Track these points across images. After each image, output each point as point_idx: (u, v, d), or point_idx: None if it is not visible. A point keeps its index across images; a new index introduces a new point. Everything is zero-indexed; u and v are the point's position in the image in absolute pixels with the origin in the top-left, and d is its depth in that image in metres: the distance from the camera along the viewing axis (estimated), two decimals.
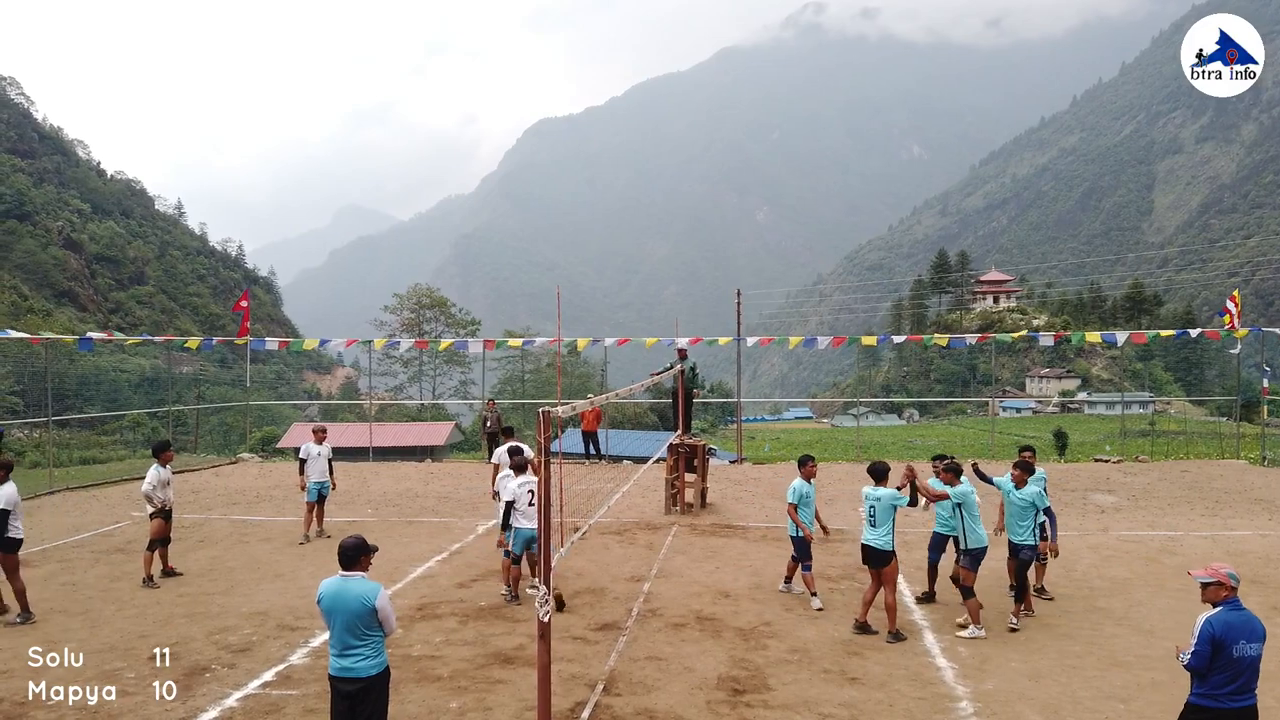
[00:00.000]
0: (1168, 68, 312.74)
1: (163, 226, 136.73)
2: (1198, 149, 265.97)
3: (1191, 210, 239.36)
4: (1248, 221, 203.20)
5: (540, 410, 6.47)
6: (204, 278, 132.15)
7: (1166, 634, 9.05)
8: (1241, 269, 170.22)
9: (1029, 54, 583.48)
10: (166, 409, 27.62)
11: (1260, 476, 20.20)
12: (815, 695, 7.45)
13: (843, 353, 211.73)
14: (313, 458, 13.66)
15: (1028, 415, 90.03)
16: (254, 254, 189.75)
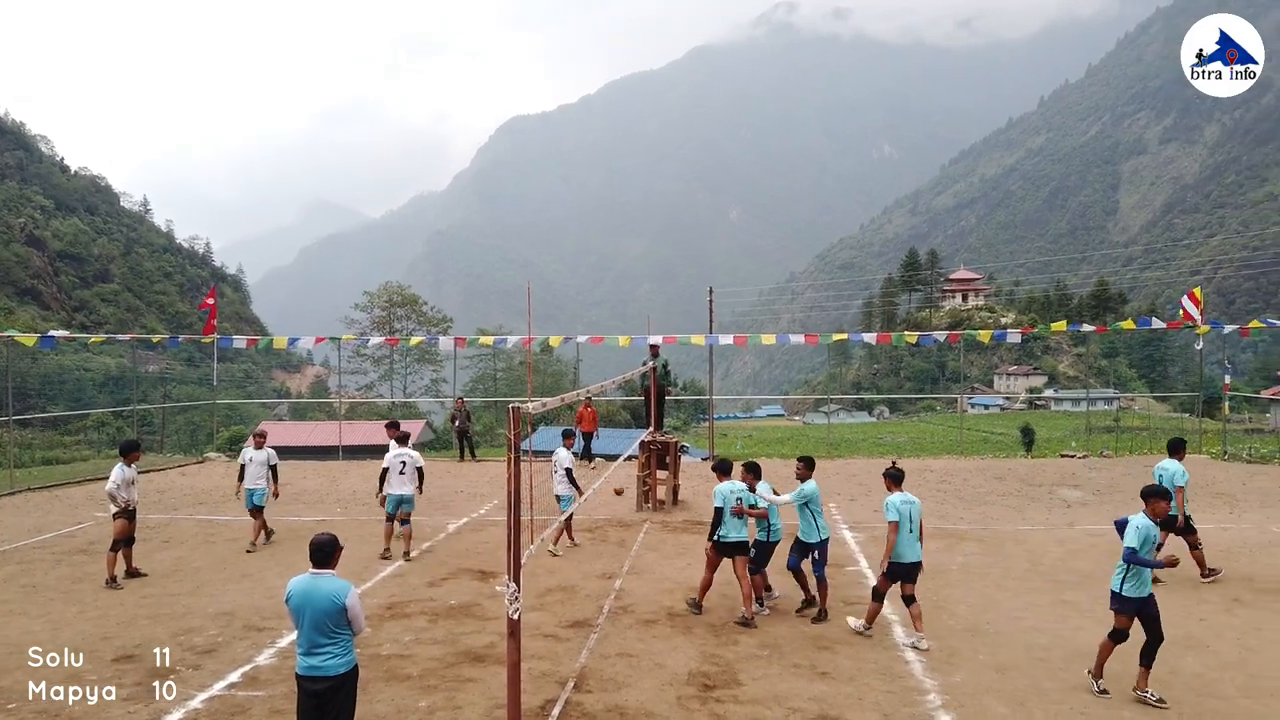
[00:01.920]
0: (1133, 69, 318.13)
1: (128, 223, 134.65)
2: (1161, 149, 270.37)
3: (1155, 210, 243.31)
4: (1210, 221, 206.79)
5: (510, 407, 6.44)
6: (170, 275, 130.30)
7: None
8: (1204, 267, 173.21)
9: (998, 55, 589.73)
10: (132, 408, 27.21)
11: (1222, 471, 20.56)
12: (785, 690, 7.49)
13: (814, 350, 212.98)
14: (249, 463, 13.06)
15: (995, 412, 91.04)
16: (222, 251, 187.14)
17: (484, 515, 15.82)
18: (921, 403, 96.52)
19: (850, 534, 13.96)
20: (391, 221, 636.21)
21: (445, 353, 58.80)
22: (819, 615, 9.48)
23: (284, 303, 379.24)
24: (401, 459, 12.32)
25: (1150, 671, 7.34)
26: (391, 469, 12.26)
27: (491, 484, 19.16)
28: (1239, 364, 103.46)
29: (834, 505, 16.45)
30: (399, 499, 12.30)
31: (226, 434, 42.53)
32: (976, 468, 21.44)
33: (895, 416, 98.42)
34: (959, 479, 19.41)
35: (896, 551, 8.55)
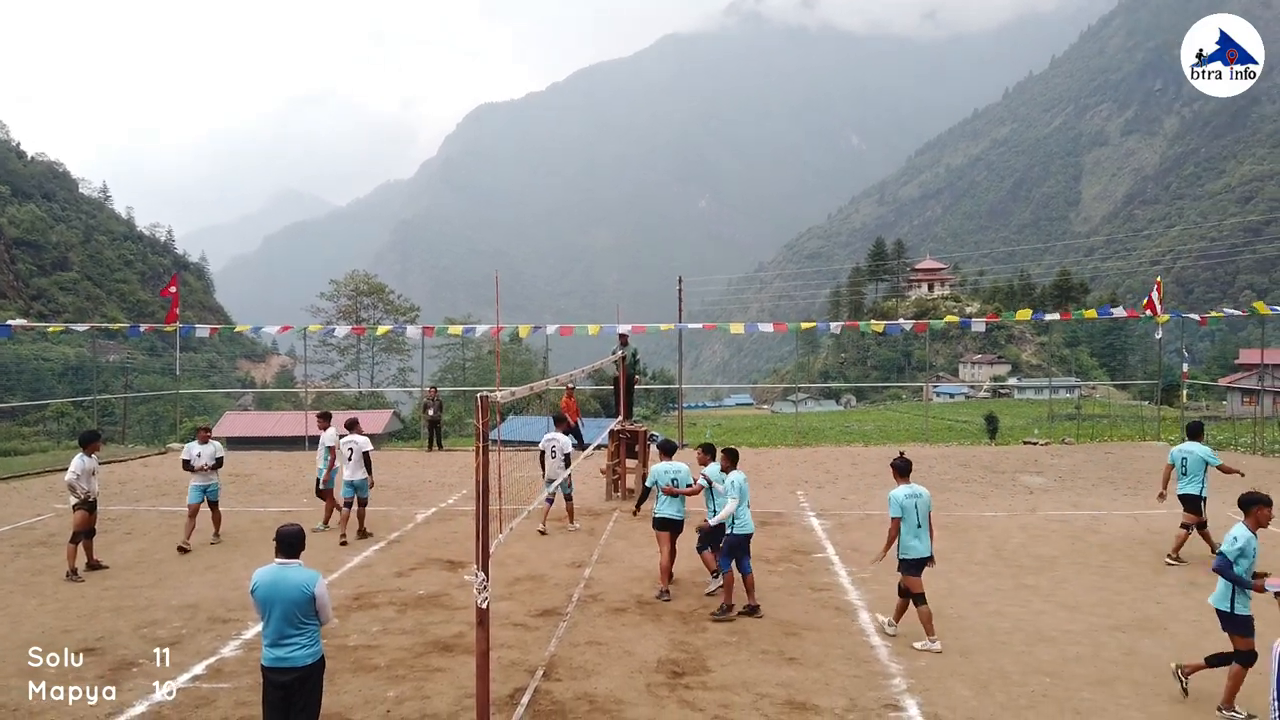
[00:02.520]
0: (1095, 61, 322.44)
1: (87, 210, 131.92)
2: (1123, 141, 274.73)
3: (1116, 201, 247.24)
4: (1169, 212, 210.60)
5: (478, 396, 6.41)
6: (131, 263, 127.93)
7: (1090, 609, 9.38)
8: (1164, 257, 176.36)
9: (964, 46, 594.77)
10: (92, 398, 26.73)
11: None
12: (753, 676, 7.55)
13: (782, 340, 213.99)
14: (193, 458, 12.57)
15: (960, 400, 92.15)
16: (184, 239, 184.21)
17: (452, 505, 15.75)
18: (888, 391, 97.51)
19: (817, 521, 14.08)
20: (358, 210, 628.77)
21: (413, 342, 58.35)
22: (750, 610, 9.24)
23: (248, 292, 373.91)
24: (349, 445, 12.73)
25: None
26: (341, 456, 12.76)
27: (460, 473, 19.09)
28: (1197, 352, 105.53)
29: (801, 493, 16.60)
30: (353, 485, 12.71)
31: (190, 424, 41.98)
32: (941, 455, 21.71)
33: (862, 405, 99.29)
34: (924, 466, 19.63)
35: (906, 545, 8.29)
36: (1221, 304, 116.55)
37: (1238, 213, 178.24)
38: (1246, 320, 72.27)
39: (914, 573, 8.33)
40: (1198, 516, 11.34)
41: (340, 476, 12.84)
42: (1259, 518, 6.78)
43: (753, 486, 17.09)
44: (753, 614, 9.16)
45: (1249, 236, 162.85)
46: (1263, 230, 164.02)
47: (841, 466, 19.83)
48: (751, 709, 6.88)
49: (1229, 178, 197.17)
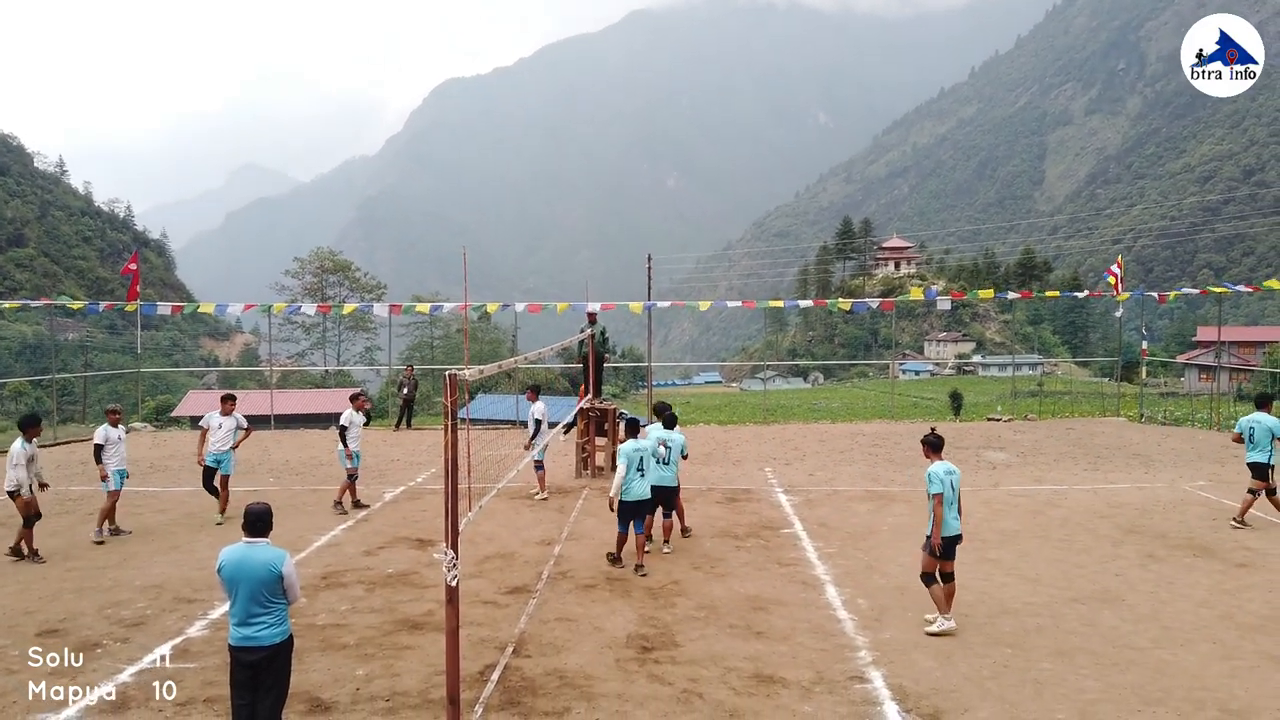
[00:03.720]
0: (1060, 41, 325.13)
1: (43, 185, 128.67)
2: (1086, 120, 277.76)
3: (1079, 180, 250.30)
4: (1131, 191, 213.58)
5: (447, 374, 6.38)
6: (90, 240, 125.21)
7: (1050, 582, 9.58)
8: (1125, 236, 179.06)
9: (931, 25, 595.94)
10: (51, 377, 26.21)
11: (1138, 433, 21.44)
12: (722, 650, 7.64)
13: (751, 318, 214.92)
14: (112, 442, 11.96)
15: (926, 378, 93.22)
16: (144, 215, 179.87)
17: (421, 483, 15.70)
18: (855, 369, 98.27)
19: (785, 497, 14.21)
20: (322, 185, 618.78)
21: (379, 321, 57.84)
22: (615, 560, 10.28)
23: (211, 269, 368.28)
24: (217, 421, 12.94)
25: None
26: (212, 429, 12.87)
27: (428, 452, 19.01)
28: (1156, 330, 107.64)
29: (770, 470, 16.74)
30: (217, 458, 12.90)
31: (152, 403, 41.44)
32: (907, 431, 21.97)
33: (829, 383, 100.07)
34: (890, 442, 19.88)
35: (945, 524, 7.99)
36: (1180, 282, 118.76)
37: (1197, 192, 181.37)
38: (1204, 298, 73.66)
39: (949, 552, 8.09)
40: (1266, 483, 11.68)
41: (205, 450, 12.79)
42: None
43: (721, 463, 17.29)
44: (637, 571, 9.95)
45: (1207, 216, 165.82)
46: (1221, 209, 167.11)
47: (809, 443, 20.01)
48: (719, 682, 6.96)
49: (1189, 157, 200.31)
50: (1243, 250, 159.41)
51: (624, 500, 10.09)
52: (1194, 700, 6.59)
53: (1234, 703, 6.55)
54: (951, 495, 8.07)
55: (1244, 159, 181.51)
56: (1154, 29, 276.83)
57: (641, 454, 10.26)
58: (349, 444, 13.40)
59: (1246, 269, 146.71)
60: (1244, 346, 70.97)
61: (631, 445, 10.30)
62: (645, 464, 10.27)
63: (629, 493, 10.10)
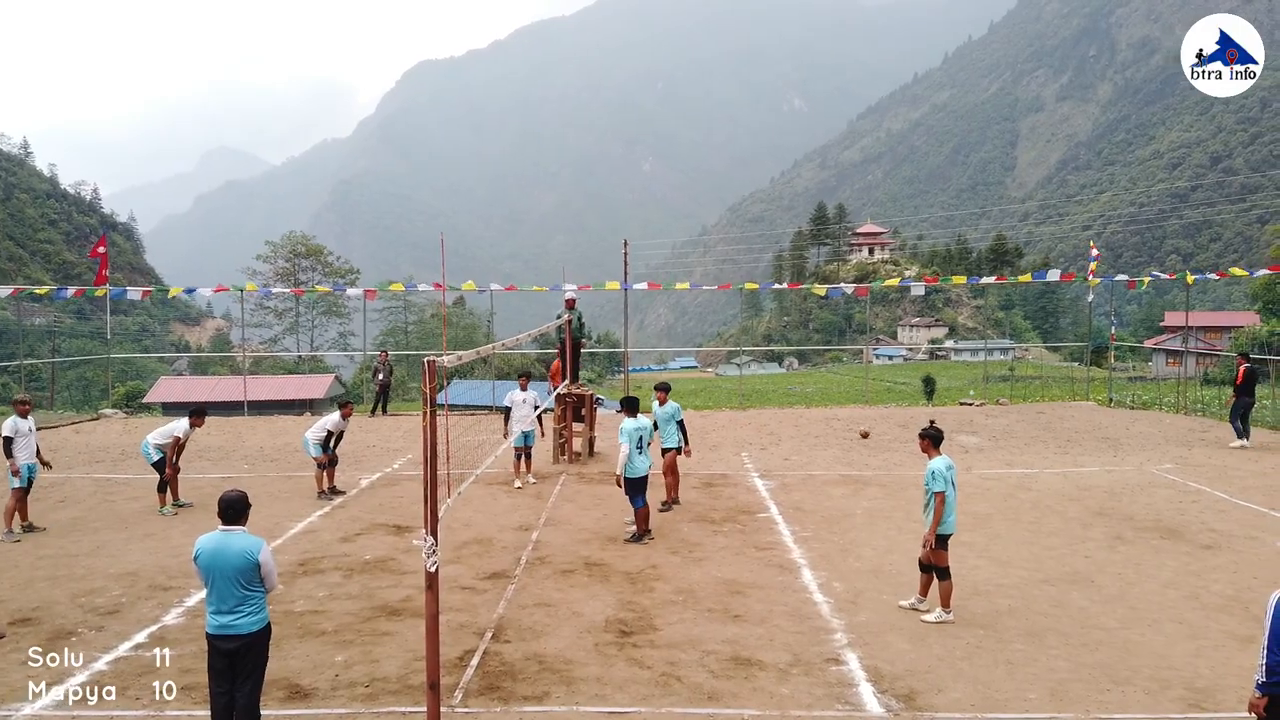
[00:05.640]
0: (1032, 27, 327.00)
1: (6, 167, 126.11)
2: (1058, 107, 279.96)
3: (1051, 166, 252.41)
4: (1100, 178, 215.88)
5: (425, 360, 6.36)
6: (55, 223, 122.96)
7: (1021, 564, 9.73)
8: (1094, 223, 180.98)
9: (905, 10, 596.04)
10: (18, 363, 25.80)
11: (1107, 416, 21.76)
12: (699, 634, 7.71)
13: (726, 304, 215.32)
14: (22, 434, 11.32)
15: (899, 362, 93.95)
16: (112, 198, 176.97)
17: (398, 470, 15.65)
18: (829, 354, 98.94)
19: (761, 482, 14.31)
20: (294, 169, 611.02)
21: (353, 305, 57.36)
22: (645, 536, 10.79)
23: (181, 253, 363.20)
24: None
25: None
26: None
27: (405, 438, 18.94)
28: (1124, 315, 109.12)
29: (746, 455, 16.84)
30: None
31: (123, 389, 40.90)
32: (881, 416, 22.17)
33: (804, 367, 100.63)
34: (864, 426, 20.04)
35: (944, 520, 8.01)
36: (1149, 268, 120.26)
37: (1166, 179, 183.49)
38: (1172, 284, 74.64)
39: (944, 546, 8.09)
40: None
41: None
42: None
43: (697, 449, 17.36)
44: (644, 538, 10.72)
45: (1176, 202, 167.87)
46: (1189, 196, 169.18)
47: (785, 428, 20.14)
48: (698, 665, 7.03)
49: (1158, 144, 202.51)
50: (1210, 236, 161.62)
51: (631, 478, 10.67)
52: (1161, 679, 6.74)
53: (1199, 681, 6.70)
54: (954, 492, 8.07)
55: (1212, 145, 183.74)
56: (1125, 15, 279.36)
57: (642, 432, 10.86)
58: (332, 448, 13.40)
59: (1213, 255, 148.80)
60: (1210, 332, 71.96)
61: (632, 424, 10.84)
62: (645, 441, 10.91)
63: (635, 469, 10.69)
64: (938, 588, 8.11)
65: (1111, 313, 30.28)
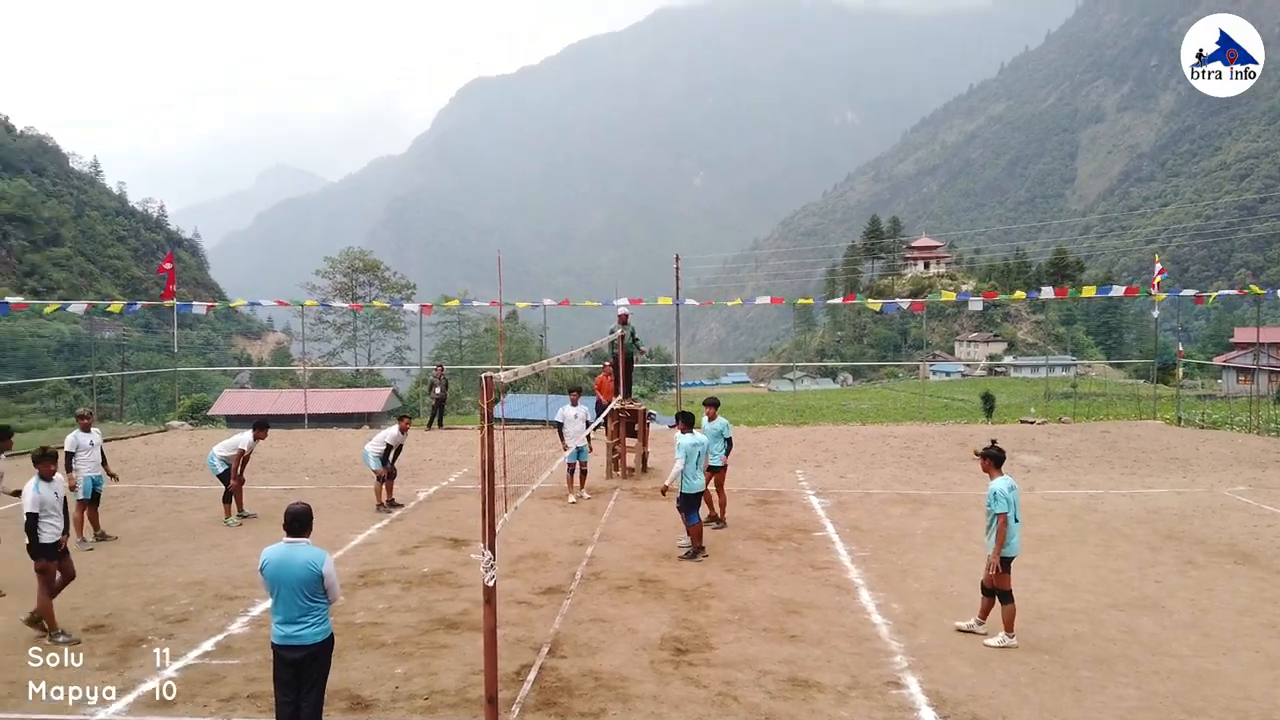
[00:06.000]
0: (1091, 36, 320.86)
1: (78, 186, 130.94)
2: (1119, 118, 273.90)
3: (1112, 178, 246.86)
4: (1165, 189, 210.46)
5: (482, 376, 6.44)
6: (124, 239, 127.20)
7: (1088, 587, 9.48)
8: (1159, 236, 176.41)
9: (960, 21, 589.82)
10: (89, 376, 26.68)
11: (1176, 436, 21.13)
12: (756, 653, 7.64)
13: (779, 319, 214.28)
14: (84, 448, 11.47)
15: (956, 378, 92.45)
16: (177, 215, 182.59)
17: (454, 483, 15.82)
18: (884, 369, 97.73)
19: (816, 499, 14.16)
20: (350, 186, 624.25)
21: (409, 320, 58.28)
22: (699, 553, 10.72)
23: (242, 269, 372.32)
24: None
25: None
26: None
27: (460, 452, 19.14)
28: (1192, 331, 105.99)
29: (800, 472, 16.68)
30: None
31: (188, 402, 42.02)
32: (938, 433, 21.81)
33: (859, 383, 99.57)
34: (922, 445, 19.75)
35: (1008, 542, 7.84)
36: (1217, 282, 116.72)
37: (1233, 190, 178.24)
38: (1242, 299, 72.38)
39: (1006, 569, 7.90)
40: None
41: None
42: None
43: (751, 465, 17.23)
44: (698, 555, 10.69)
45: (1244, 214, 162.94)
46: (1257, 208, 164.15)
47: (840, 445, 19.92)
48: (754, 686, 6.97)
49: (1224, 155, 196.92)
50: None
51: (687, 493, 10.68)
52: (1237, 711, 6.50)
53: (1278, 712, 6.46)
54: (1017, 514, 7.91)
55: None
56: (1186, 24, 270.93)
57: (699, 448, 10.89)
58: (390, 461, 13.60)
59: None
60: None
61: (689, 439, 10.82)
62: (700, 458, 10.91)
63: (691, 485, 10.69)
64: (1000, 611, 7.93)
65: (1179, 328, 29.43)
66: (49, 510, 8.19)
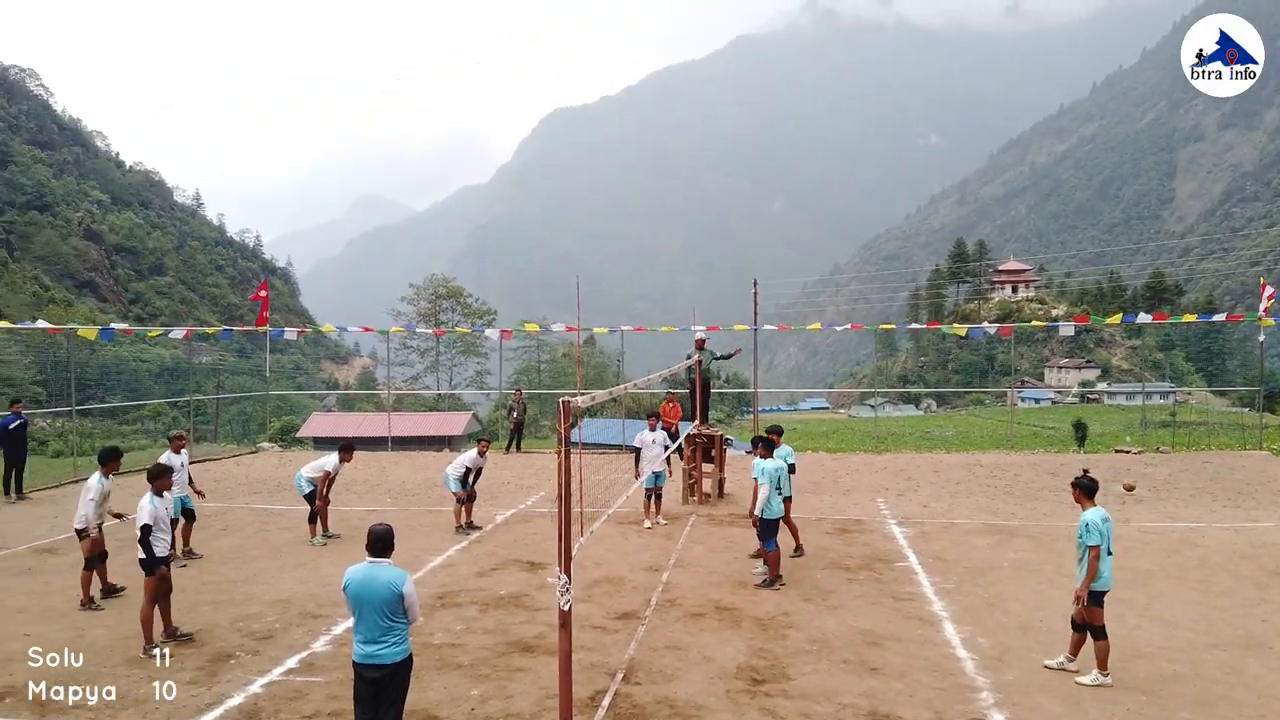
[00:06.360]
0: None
1: (181, 217, 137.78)
2: (1220, 136, 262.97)
3: (1214, 198, 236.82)
4: (1271, 209, 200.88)
5: (560, 400, 6.49)
6: (222, 268, 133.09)
7: (1188, 625, 9.01)
8: (1264, 258, 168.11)
9: (1048, 40, 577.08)
10: (187, 399, 27.85)
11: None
12: (835, 685, 7.46)
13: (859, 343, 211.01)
14: (174, 469, 11.37)
15: (1046, 405, 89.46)
16: (271, 244, 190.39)
17: (531, 506, 15.95)
18: (970, 396, 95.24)
19: (898, 529, 13.82)
20: (436, 214, 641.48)
21: (490, 345, 59.28)
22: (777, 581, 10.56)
23: (331, 295, 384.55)
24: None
25: None
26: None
27: (538, 475, 19.30)
28: None
29: (881, 500, 16.33)
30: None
31: (278, 424, 43.41)
32: (1027, 463, 21.10)
33: (942, 410, 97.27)
34: (1010, 474, 19.13)
35: (1099, 575, 7.55)
36: None
37: None
38: None
39: (1099, 604, 7.61)
40: None
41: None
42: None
43: (830, 493, 16.95)
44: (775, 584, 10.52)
45: None
46: None
47: (923, 473, 19.43)
48: (833, 719, 6.80)
49: None
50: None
51: (768, 519, 10.54)
52: None
53: None
54: (1107, 544, 7.60)
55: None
56: None
57: (780, 473, 10.85)
58: (470, 484, 13.82)
59: None
60: None
61: (771, 464, 10.75)
62: (782, 482, 10.92)
63: (772, 511, 10.60)
64: (1093, 648, 7.59)
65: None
66: (161, 524, 8.62)
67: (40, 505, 16.34)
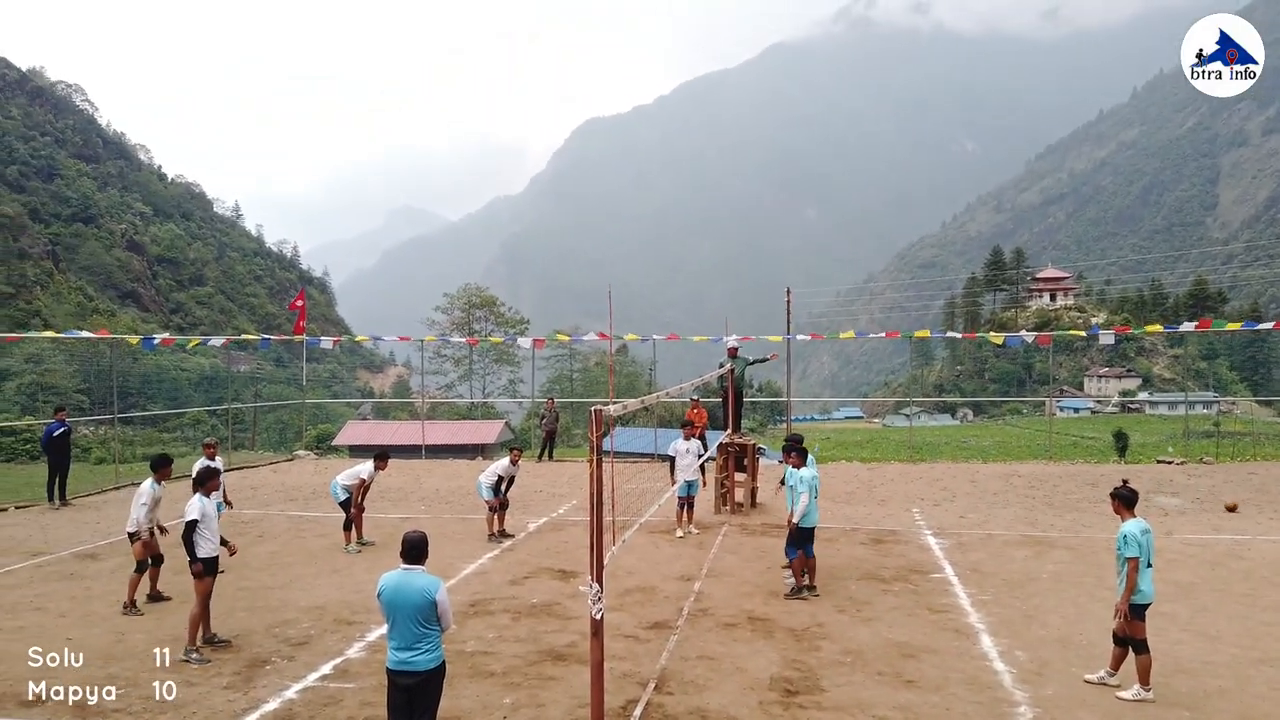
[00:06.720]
0: None
1: (221, 228, 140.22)
2: (1264, 141, 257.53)
3: (1258, 204, 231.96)
4: None
5: (592, 409, 6.49)
6: (260, 278, 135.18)
7: (1233, 640, 8.79)
8: None
9: (1086, 45, 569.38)
10: (225, 407, 28.27)
11: None
12: (869, 697, 7.37)
13: (894, 352, 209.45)
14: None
15: (1086, 415, 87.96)
16: (309, 255, 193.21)
17: (563, 515, 15.97)
18: (1007, 405, 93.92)
19: (934, 540, 13.65)
20: (470, 224, 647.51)
21: (523, 354, 59.58)
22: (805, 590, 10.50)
23: (367, 305, 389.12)
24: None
25: None
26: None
27: (570, 484, 19.34)
28: None
29: (917, 511, 16.15)
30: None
31: (314, 432, 43.91)
32: (1066, 473, 20.76)
33: (979, 419, 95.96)
34: (1048, 485, 18.84)
35: (1138, 588, 7.38)
36: None
37: None
38: None
39: (1140, 617, 7.43)
40: None
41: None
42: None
43: (865, 503, 16.83)
44: (810, 592, 10.47)
45: None
46: None
47: (959, 484, 19.20)
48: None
49: None
50: None
51: (804, 526, 10.48)
52: None
53: None
54: (1148, 556, 7.42)
55: None
56: None
57: (817, 481, 10.79)
58: (503, 492, 13.87)
59: None
60: None
61: (810, 473, 10.69)
62: (817, 491, 10.82)
63: (809, 519, 10.54)
64: (1134, 662, 7.42)
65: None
66: (208, 522, 8.76)
67: (83, 511, 16.66)
